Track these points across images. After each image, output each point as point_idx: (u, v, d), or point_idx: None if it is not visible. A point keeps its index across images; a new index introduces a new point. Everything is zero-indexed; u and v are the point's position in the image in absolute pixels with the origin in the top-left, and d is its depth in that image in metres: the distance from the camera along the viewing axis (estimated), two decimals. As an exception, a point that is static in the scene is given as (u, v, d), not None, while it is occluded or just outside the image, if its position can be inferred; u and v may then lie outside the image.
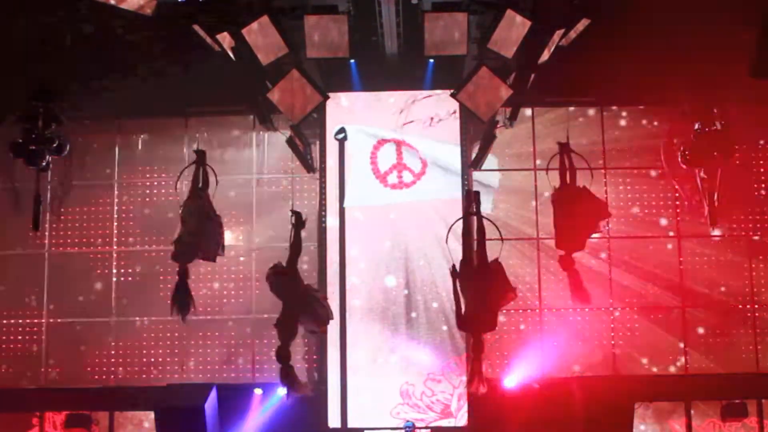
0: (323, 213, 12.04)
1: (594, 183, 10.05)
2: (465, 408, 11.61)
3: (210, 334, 12.13)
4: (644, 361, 11.95)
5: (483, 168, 12.07)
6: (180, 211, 9.60)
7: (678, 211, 12.09)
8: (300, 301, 9.06)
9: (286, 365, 8.95)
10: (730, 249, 12.13)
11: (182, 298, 9.27)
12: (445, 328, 11.78)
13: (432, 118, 12.07)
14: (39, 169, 10.36)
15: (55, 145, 10.17)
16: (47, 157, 10.23)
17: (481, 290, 8.73)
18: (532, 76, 10.15)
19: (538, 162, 12.02)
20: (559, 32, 9.59)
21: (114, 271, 12.35)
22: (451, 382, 11.70)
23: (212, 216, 9.57)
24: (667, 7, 9.58)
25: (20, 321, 12.27)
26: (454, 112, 11.92)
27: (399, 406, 11.70)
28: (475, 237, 9.13)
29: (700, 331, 12.00)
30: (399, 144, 12.06)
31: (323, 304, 9.29)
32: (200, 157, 9.77)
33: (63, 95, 10.37)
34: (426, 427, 11.63)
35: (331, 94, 10.43)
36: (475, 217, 9.20)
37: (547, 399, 11.46)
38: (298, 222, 9.33)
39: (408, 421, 11.41)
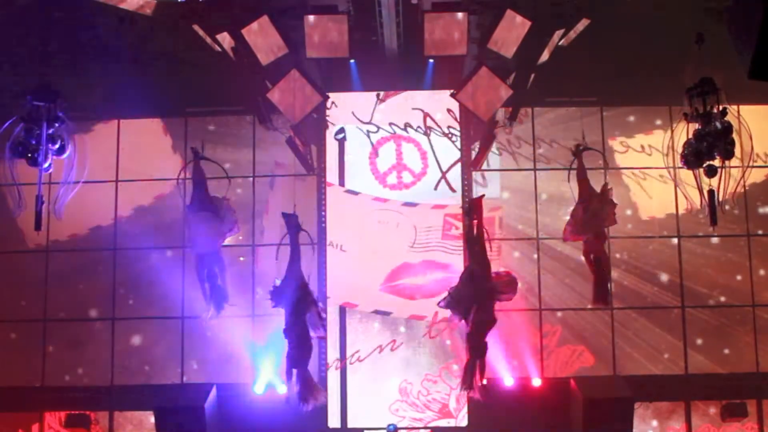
0: (322, 213, 12.03)
1: (594, 183, 10.08)
2: (465, 409, 11.62)
3: (210, 334, 12.13)
4: (644, 361, 11.96)
5: (483, 168, 12.08)
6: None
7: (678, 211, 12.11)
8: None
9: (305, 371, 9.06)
10: (730, 249, 12.14)
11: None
12: (444, 331, 11.82)
13: (429, 117, 12.11)
14: (41, 169, 10.35)
15: (56, 145, 10.16)
16: (49, 157, 10.22)
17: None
18: (532, 76, 10.16)
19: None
20: (559, 32, 9.60)
21: (115, 270, 12.37)
22: (448, 383, 11.70)
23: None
24: (666, 7, 9.59)
25: (20, 320, 12.28)
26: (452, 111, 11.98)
27: (398, 403, 11.72)
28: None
29: (700, 331, 12.01)
30: (398, 141, 12.06)
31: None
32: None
33: (64, 95, 10.38)
34: (425, 427, 11.63)
35: (330, 94, 10.42)
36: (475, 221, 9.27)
37: (547, 399, 11.47)
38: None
39: (391, 424, 11.37)
